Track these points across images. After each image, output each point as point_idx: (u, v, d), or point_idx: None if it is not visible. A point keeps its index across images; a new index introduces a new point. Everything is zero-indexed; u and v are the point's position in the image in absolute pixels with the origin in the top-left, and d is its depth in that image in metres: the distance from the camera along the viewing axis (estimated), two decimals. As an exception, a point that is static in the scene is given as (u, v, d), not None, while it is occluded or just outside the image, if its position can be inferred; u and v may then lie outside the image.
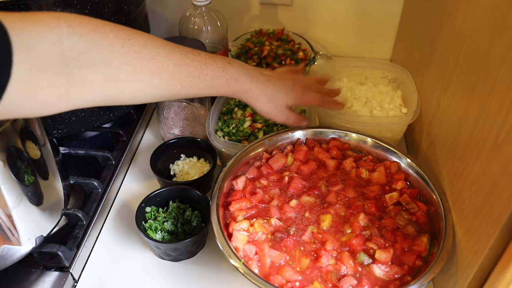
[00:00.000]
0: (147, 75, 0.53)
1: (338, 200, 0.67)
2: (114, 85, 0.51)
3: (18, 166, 0.57)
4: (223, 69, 0.61)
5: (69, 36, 0.46)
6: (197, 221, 0.71)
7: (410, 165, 0.69)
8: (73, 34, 0.46)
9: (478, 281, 0.52)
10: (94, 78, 0.49)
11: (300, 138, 0.76)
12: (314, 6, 1.08)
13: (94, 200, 0.76)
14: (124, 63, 0.51)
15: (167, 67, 0.55)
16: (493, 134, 0.49)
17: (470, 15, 0.61)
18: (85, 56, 0.48)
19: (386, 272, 0.57)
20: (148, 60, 0.53)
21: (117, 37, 0.50)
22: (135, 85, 0.53)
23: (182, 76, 0.56)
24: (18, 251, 0.63)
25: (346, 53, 1.15)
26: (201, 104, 0.86)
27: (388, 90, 0.90)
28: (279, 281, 0.56)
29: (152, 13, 1.09)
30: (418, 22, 0.92)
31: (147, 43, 0.53)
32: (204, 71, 0.58)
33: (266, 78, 0.66)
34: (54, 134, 0.82)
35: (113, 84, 0.51)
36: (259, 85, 0.65)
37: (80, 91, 0.49)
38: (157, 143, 0.85)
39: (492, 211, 0.48)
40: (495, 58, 0.51)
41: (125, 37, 0.51)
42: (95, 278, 0.69)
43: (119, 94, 0.53)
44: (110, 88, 0.51)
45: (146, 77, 0.53)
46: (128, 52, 0.51)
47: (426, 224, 0.64)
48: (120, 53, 0.50)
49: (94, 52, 0.48)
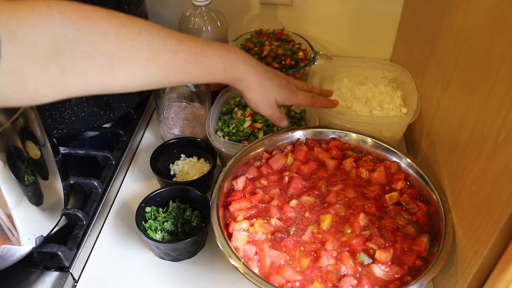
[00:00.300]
0: (142, 63, 0.52)
1: (338, 200, 0.67)
2: (109, 74, 0.50)
3: (18, 166, 0.57)
4: (220, 56, 0.59)
5: (61, 24, 0.45)
6: (197, 221, 0.71)
7: (410, 165, 0.69)
8: (65, 22, 0.45)
9: (478, 281, 0.52)
10: (87, 66, 0.48)
11: (300, 138, 0.76)
12: (314, 6, 1.08)
13: (94, 200, 0.76)
14: (118, 51, 0.49)
15: (162, 54, 0.53)
16: (493, 134, 0.49)
17: (470, 15, 0.61)
18: (77, 45, 0.46)
19: (386, 272, 0.57)
20: (143, 47, 0.51)
21: (111, 24, 0.49)
22: (130, 73, 0.52)
23: (177, 63, 0.55)
24: (18, 251, 0.63)
25: (346, 53, 1.15)
26: (201, 104, 0.86)
27: (388, 90, 0.90)
28: (279, 281, 0.56)
29: (152, 13, 1.09)
30: (418, 22, 0.92)
31: (142, 30, 0.51)
32: (200, 57, 0.57)
33: (264, 69, 0.66)
34: (54, 134, 0.82)
35: (107, 72, 0.50)
36: (257, 74, 0.64)
37: (74, 80, 0.48)
38: (157, 143, 0.85)
39: (492, 211, 0.48)
40: (495, 58, 0.51)
41: (119, 24, 0.49)
42: (95, 278, 0.69)
43: (114, 82, 0.51)
44: (104, 76, 0.50)
45: (141, 65, 0.52)
46: (122, 39, 0.49)
47: (426, 224, 0.64)
48: (114, 41, 0.49)
49: (87, 40, 0.47)
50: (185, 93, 0.84)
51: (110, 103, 0.85)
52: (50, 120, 0.80)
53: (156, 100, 0.86)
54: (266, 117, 0.71)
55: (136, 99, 0.91)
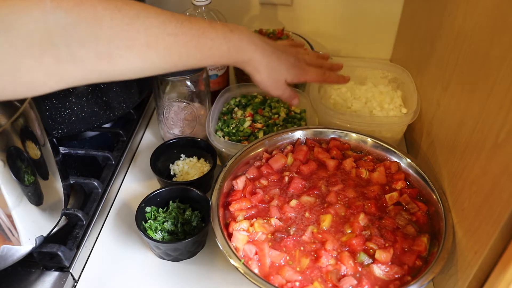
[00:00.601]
0: (142, 48, 0.50)
1: (338, 200, 0.67)
2: (106, 61, 0.48)
3: (18, 166, 0.57)
4: (224, 37, 0.57)
5: (53, 11, 0.43)
6: (197, 221, 0.71)
7: (410, 165, 0.69)
8: (57, 9, 0.43)
9: (478, 281, 0.52)
10: (84, 54, 0.46)
11: (300, 138, 0.76)
12: (314, 6, 1.08)
13: (94, 200, 0.76)
14: (115, 38, 0.47)
15: (162, 39, 0.51)
16: (493, 134, 0.49)
17: (470, 15, 0.61)
18: (72, 32, 0.44)
19: (386, 272, 0.57)
20: (141, 32, 0.49)
21: (106, 9, 0.46)
22: (129, 60, 0.50)
23: (178, 47, 0.53)
24: (18, 251, 0.63)
25: (346, 53, 1.15)
26: (201, 104, 0.86)
27: (388, 90, 0.90)
28: (279, 281, 0.56)
29: (152, 13, 1.09)
30: (418, 22, 0.92)
31: (139, 13, 0.49)
32: (203, 40, 0.54)
33: (271, 49, 0.63)
34: (54, 134, 0.82)
35: (105, 60, 0.48)
36: (264, 55, 0.61)
37: (71, 68, 0.46)
38: (157, 143, 0.85)
39: (492, 211, 0.48)
40: (495, 58, 0.51)
41: (115, 8, 0.47)
42: (95, 278, 0.69)
43: (113, 70, 0.50)
44: (102, 64, 0.48)
45: (141, 51, 0.50)
46: (119, 24, 0.47)
47: (426, 224, 0.64)
48: (110, 26, 0.47)
49: (82, 27, 0.45)
50: (185, 93, 0.84)
51: (110, 103, 0.85)
52: (50, 120, 0.80)
53: (156, 100, 0.86)
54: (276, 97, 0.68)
55: (136, 99, 0.91)
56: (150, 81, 0.87)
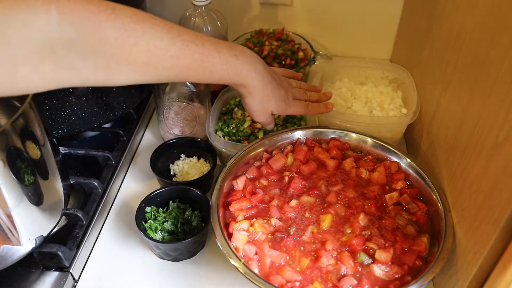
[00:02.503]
0: (141, 66, 0.50)
1: (338, 200, 0.67)
2: (104, 73, 0.48)
3: (18, 166, 0.57)
4: (227, 62, 0.57)
5: (59, 23, 0.43)
6: (197, 221, 0.71)
7: (410, 165, 0.69)
8: (63, 22, 0.43)
9: (478, 281, 0.52)
10: (83, 65, 0.46)
11: (300, 138, 0.76)
12: (314, 6, 1.08)
13: (94, 200, 0.76)
14: (116, 54, 0.48)
15: (163, 60, 0.51)
16: (493, 134, 0.49)
17: (470, 15, 0.61)
18: (74, 44, 0.45)
19: (386, 272, 0.57)
20: (143, 52, 0.49)
21: (112, 28, 0.46)
22: (126, 74, 0.50)
23: (179, 68, 0.53)
24: (18, 251, 0.63)
25: (346, 53, 1.15)
26: (201, 104, 0.86)
27: (389, 91, 0.90)
28: (279, 281, 0.56)
29: (152, 13, 1.08)
30: (418, 22, 0.92)
31: (145, 33, 0.49)
32: (205, 64, 0.55)
33: (269, 78, 0.64)
34: (54, 134, 0.82)
35: (102, 71, 0.48)
36: (261, 83, 0.62)
37: (68, 75, 0.46)
38: (157, 143, 0.85)
39: (492, 211, 0.48)
40: (495, 58, 0.51)
41: (121, 27, 0.47)
42: (95, 278, 0.69)
43: (109, 81, 0.50)
44: (99, 75, 0.48)
45: (139, 67, 0.50)
46: (122, 44, 0.47)
47: (426, 224, 0.64)
48: (113, 45, 0.47)
49: (85, 42, 0.45)
50: (185, 93, 0.84)
51: (110, 103, 0.85)
52: (50, 120, 0.80)
53: (156, 100, 0.86)
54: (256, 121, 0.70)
55: (136, 99, 0.91)
56: (150, 81, 0.87)
